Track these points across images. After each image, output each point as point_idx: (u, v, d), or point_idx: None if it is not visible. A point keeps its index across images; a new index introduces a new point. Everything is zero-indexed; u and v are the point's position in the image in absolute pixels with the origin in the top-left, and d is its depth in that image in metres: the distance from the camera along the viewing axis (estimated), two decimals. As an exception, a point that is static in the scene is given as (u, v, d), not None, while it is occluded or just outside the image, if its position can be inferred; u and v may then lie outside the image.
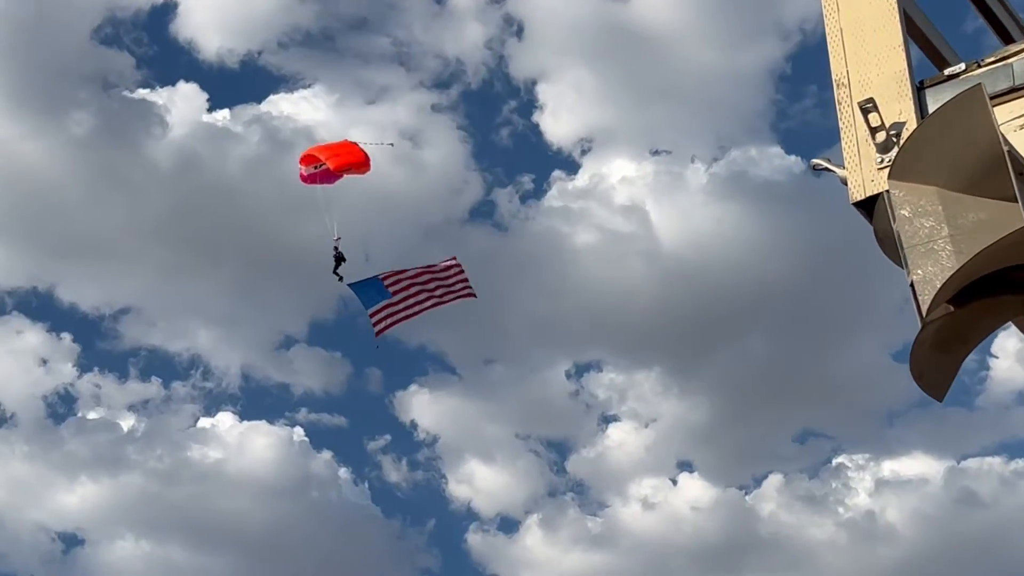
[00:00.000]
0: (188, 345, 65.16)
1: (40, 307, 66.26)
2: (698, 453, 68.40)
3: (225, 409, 65.42)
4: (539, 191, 71.21)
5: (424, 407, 66.36)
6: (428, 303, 33.33)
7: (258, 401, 66.62)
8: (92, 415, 63.72)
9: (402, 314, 32.93)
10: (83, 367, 65.39)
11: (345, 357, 66.84)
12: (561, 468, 65.81)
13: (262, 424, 64.20)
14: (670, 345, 67.13)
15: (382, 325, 32.81)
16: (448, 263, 34.05)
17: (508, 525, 64.77)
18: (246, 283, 65.28)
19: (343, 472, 64.53)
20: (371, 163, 34.42)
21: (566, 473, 65.61)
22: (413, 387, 67.04)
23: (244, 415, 65.25)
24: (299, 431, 63.95)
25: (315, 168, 34.05)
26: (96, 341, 66.87)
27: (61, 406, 63.77)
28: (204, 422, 64.34)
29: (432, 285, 33.41)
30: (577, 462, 65.90)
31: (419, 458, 65.66)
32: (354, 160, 34.23)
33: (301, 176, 34.51)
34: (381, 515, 64.20)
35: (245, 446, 63.59)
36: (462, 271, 33.93)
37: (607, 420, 66.81)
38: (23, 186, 63.14)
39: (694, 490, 64.92)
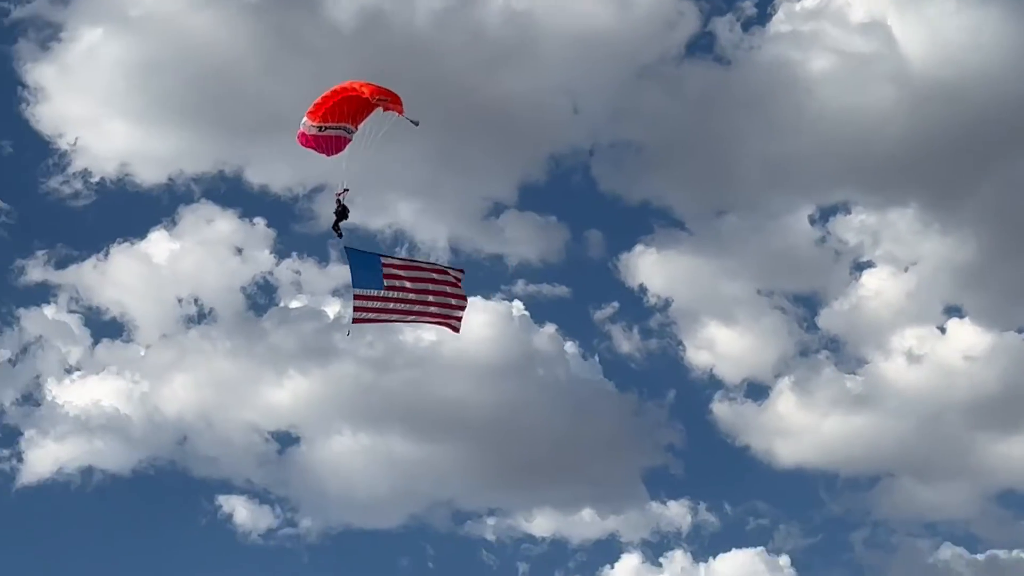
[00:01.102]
0: (389, 220, 61.12)
1: (229, 192, 61.56)
2: (968, 296, 60.98)
3: (436, 286, 60.94)
4: (763, 16, 64.28)
5: (652, 269, 61.96)
6: (418, 313, 32.36)
7: (470, 275, 59.98)
8: (295, 304, 60.17)
9: (385, 316, 32.02)
10: (280, 253, 61.15)
11: (561, 221, 62.64)
12: (812, 324, 60.77)
13: (477, 300, 59.63)
14: (927, 177, 60.88)
15: (363, 316, 31.67)
16: (454, 273, 32.81)
17: (757, 391, 59.91)
18: (445, 148, 60.64)
19: (570, 346, 60.53)
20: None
21: (818, 329, 60.77)
22: (638, 248, 62.52)
23: (457, 292, 60.60)
24: (518, 305, 60.21)
25: (320, 128, 31.32)
26: (291, 224, 62.42)
27: (261, 297, 60.34)
28: (416, 302, 60.33)
29: (429, 298, 32.23)
30: (829, 316, 60.94)
31: (652, 325, 61.37)
32: (388, 92, 30.83)
33: (300, 135, 31.75)
34: (615, 390, 60.43)
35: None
36: (462, 293, 32.68)
37: (860, 267, 61.44)
38: (197, 62, 59.32)
39: (966, 337, 59.41)
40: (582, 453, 58.68)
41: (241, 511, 55.96)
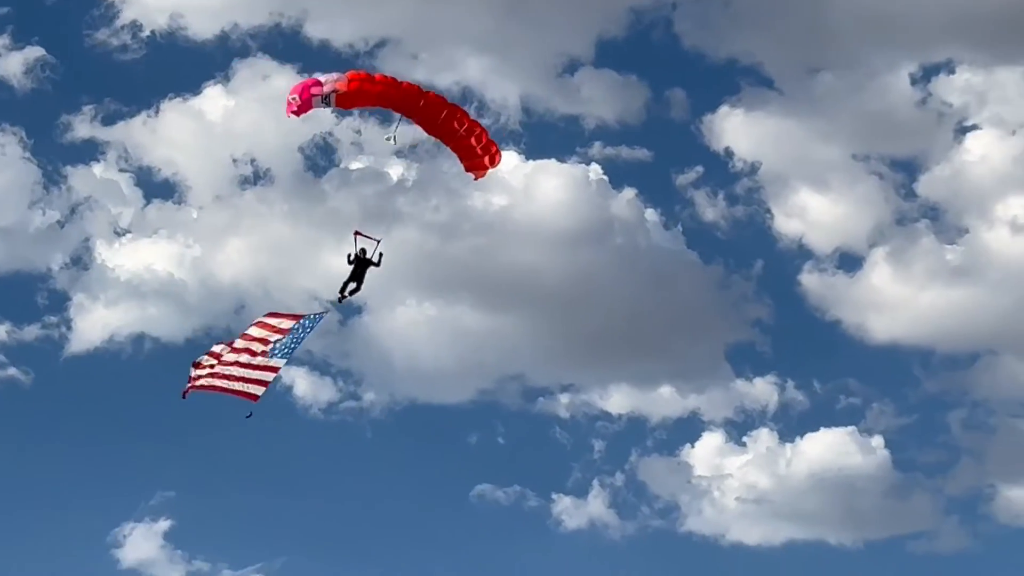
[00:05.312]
0: (457, 78, 59.70)
1: (287, 47, 60.01)
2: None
3: (506, 148, 59.01)
4: None
5: (739, 130, 60.28)
6: (237, 384, 29.74)
7: (543, 137, 60.84)
8: (356, 165, 57.96)
9: (216, 381, 29.67)
10: (340, 112, 58.60)
11: (641, 79, 60.92)
12: (910, 191, 59.31)
13: (551, 163, 58.98)
14: (1039, 33, 58.91)
15: (201, 383, 29.71)
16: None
17: (849, 262, 58.68)
18: (515, -2, 59.37)
19: (650, 213, 59.12)
20: None
21: (916, 197, 59.32)
22: (724, 108, 60.67)
23: (529, 154, 59.64)
24: (595, 169, 58.88)
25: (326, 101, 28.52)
26: (351, 81, 59.74)
27: (320, 157, 58.80)
28: (485, 164, 58.40)
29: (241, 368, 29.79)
30: (929, 183, 59.39)
31: (738, 191, 59.93)
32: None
33: (302, 97, 28.71)
34: (699, 260, 59.24)
35: (533, 189, 58.26)
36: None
37: (964, 130, 59.55)
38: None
39: (1077, 205, 57.28)
40: (662, 328, 58.08)
41: (301, 383, 55.36)
